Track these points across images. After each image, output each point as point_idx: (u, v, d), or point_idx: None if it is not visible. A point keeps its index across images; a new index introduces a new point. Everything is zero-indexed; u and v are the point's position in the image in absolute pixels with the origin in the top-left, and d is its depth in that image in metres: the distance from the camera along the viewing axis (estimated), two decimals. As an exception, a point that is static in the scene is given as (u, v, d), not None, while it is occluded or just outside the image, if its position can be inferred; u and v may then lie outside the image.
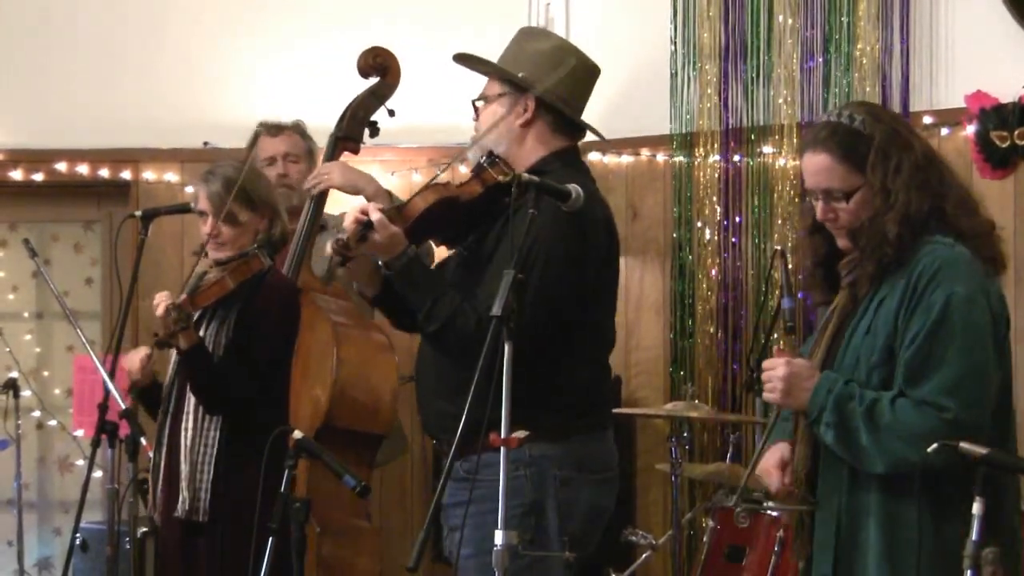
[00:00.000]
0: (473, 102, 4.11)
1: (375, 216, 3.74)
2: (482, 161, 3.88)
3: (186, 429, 4.48)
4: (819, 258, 3.54)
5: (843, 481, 3.38)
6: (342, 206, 5.44)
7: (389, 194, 5.29)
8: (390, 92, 5.31)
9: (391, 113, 5.28)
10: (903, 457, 3.25)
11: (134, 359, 4.62)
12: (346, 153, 5.37)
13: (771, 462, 3.48)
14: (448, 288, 3.85)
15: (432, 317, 3.79)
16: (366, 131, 5.33)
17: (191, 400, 4.48)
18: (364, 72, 5.31)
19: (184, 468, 4.45)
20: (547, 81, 3.99)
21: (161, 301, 4.38)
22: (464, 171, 4.11)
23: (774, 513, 4.92)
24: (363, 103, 5.32)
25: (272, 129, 5.69)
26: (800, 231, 3.63)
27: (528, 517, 3.80)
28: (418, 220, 3.83)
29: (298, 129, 5.69)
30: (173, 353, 4.58)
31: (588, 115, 4.15)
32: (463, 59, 4.16)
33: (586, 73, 4.11)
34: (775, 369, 3.36)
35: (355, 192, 5.24)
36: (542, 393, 3.80)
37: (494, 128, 3.99)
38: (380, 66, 5.30)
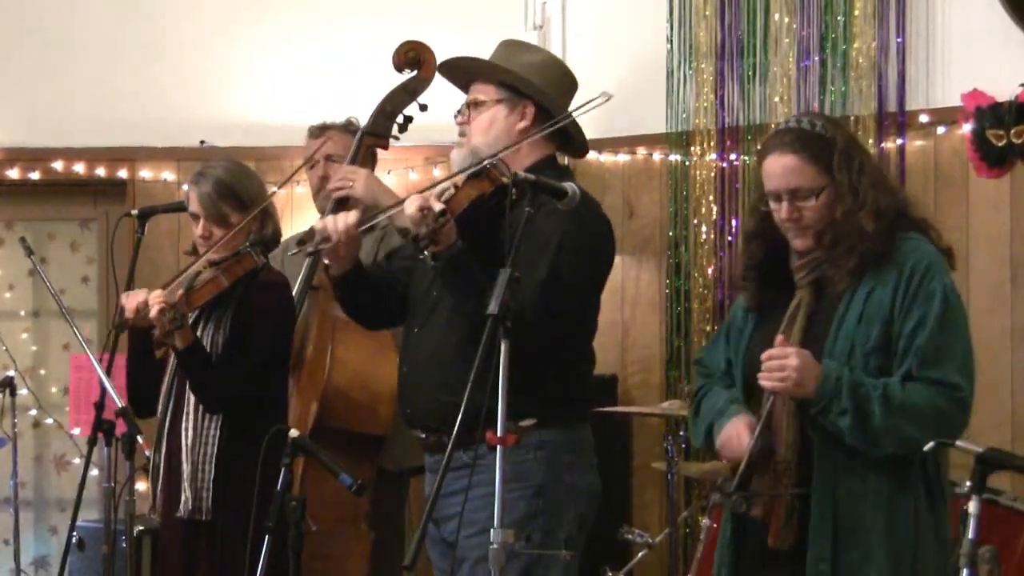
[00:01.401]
0: (467, 104, 4.15)
1: (439, 206, 3.78)
2: (487, 162, 3.90)
3: (186, 429, 4.47)
4: (754, 262, 3.68)
5: (840, 466, 3.45)
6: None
7: None
8: (423, 87, 5.24)
9: (423, 108, 5.22)
10: (914, 437, 3.35)
11: (132, 299, 4.47)
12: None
13: (739, 426, 3.55)
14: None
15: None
16: (395, 127, 5.26)
17: (191, 400, 4.47)
18: (398, 67, 5.25)
19: (185, 468, 4.44)
20: (546, 90, 4.11)
21: (155, 302, 4.35)
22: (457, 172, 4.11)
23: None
24: (392, 98, 5.24)
25: (315, 130, 5.53)
26: (743, 235, 3.75)
27: (536, 499, 3.91)
28: (459, 215, 3.87)
29: (347, 128, 5.47)
30: (171, 354, 4.57)
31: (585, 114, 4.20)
32: (465, 62, 4.21)
33: (571, 87, 4.24)
34: (787, 358, 3.42)
35: (373, 204, 5.19)
36: (550, 384, 3.94)
37: (491, 132, 4.07)
38: (413, 60, 5.23)
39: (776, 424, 3.50)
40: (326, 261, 4.08)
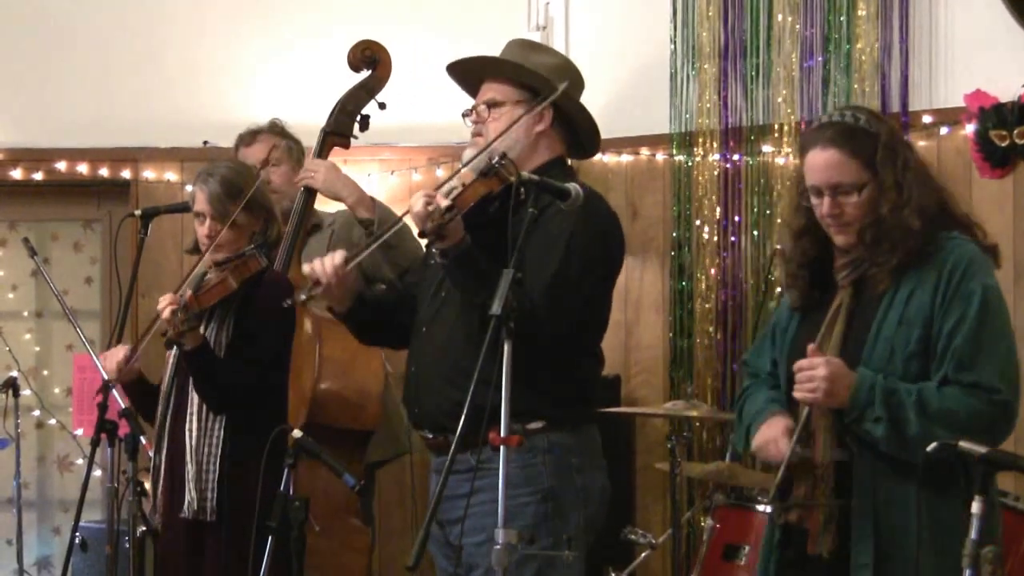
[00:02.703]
0: (485, 104, 4.12)
1: (445, 203, 3.77)
2: (494, 161, 3.90)
3: (190, 430, 4.47)
4: (806, 260, 3.61)
5: (879, 472, 3.42)
6: (337, 204, 5.44)
7: (373, 200, 5.28)
8: (380, 85, 5.30)
9: (382, 106, 5.26)
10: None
11: (111, 359, 4.59)
12: (336, 148, 5.36)
13: (777, 430, 3.51)
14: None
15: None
16: (356, 125, 5.31)
17: (194, 400, 4.48)
18: (354, 66, 5.31)
19: (190, 468, 4.44)
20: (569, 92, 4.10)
21: (166, 304, 4.37)
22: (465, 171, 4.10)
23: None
24: (352, 97, 5.31)
25: (246, 138, 5.60)
26: (790, 232, 3.67)
27: (544, 504, 3.89)
28: (467, 212, 3.86)
29: (274, 129, 5.58)
30: (170, 355, 4.57)
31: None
32: (484, 62, 4.19)
33: (582, 89, 4.24)
34: (816, 369, 3.39)
35: (334, 197, 5.26)
36: (560, 384, 3.93)
37: (510, 134, 4.04)
38: (369, 59, 5.29)
39: (814, 431, 3.46)
40: (326, 304, 4.09)
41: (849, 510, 3.45)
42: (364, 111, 5.32)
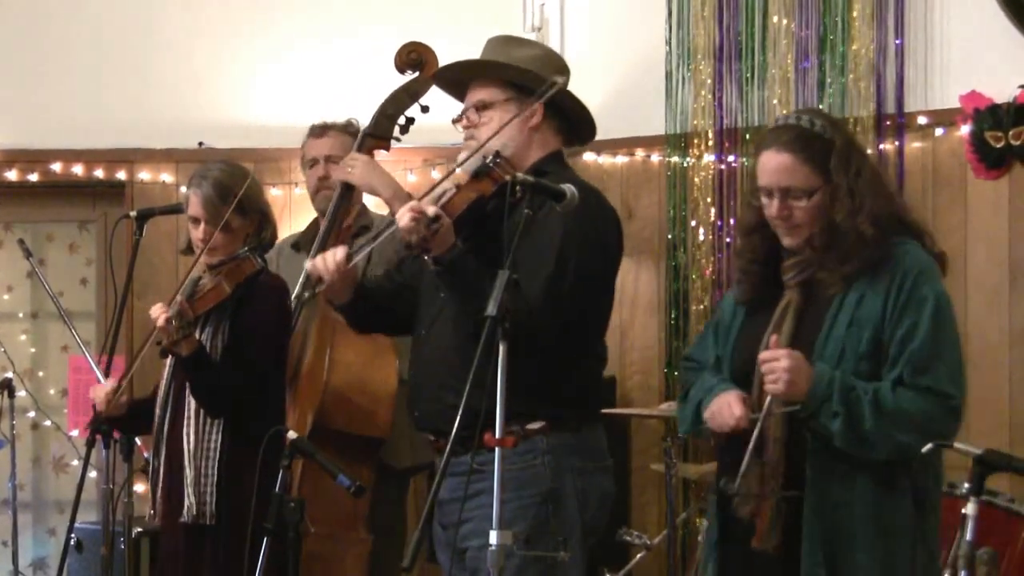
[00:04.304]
0: (474, 107, 4.08)
1: (432, 210, 3.76)
2: (488, 161, 3.88)
3: (188, 434, 4.46)
4: (757, 256, 3.65)
5: (830, 471, 3.44)
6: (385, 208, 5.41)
7: (409, 197, 5.24)
8: (425, 88, 5.24)
9: (425, 109, 5.22)
10: (906, 443, 3.36)
11: (99, 392, 4.58)
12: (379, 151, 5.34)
13: (731, 395, 3.54)
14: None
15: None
16: (397, 128, 5.27)
17: (191, 405, 4.46)
18: (400, 68, 5.26)
19: (188, 473, 4.43)
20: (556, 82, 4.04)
21: (160, 313, 4.36)
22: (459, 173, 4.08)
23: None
24: (395, 99, 5.25)
25: (317, 130, 5.56)
26: (740, 228, 3.74)
27: (545, 506, 3.86)
28: (457, 218, 3.84)
29: (348, 129, 5.50)
30: (167, 359, 4.57)
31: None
32: (467, 66, 4.15)
33: (568, 75, 4.16)
34: (778, 360, 3.41)
35: (370, 191, 5.20)
36: (559, 385, 3.89)
37: (503, 133, 4.00)
38: (415, 62, 5.24)
39: (768, 424, 3.48)
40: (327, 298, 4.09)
41: (796, 506, 3.47)
42: (408, 114, 5.26)
